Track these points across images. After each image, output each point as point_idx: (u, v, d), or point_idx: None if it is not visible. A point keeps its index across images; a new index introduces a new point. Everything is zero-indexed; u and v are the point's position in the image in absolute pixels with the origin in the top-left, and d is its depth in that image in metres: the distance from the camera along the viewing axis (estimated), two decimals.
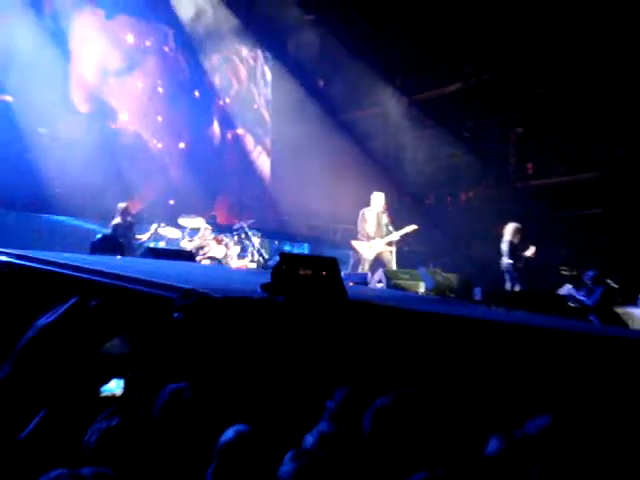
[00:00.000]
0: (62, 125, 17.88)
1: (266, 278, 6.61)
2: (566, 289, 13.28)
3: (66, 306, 1.90)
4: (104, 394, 3.75)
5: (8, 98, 17.23)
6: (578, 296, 12.73)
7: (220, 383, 5.04)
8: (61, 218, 16.52)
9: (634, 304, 12.97)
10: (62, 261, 7.31)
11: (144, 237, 14.66)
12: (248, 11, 18.84)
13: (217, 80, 20.03)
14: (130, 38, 19.52)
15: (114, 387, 3.78)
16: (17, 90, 17.08)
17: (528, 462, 2.90)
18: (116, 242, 13.27)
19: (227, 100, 20.51)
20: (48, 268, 7.07)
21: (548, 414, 3.21)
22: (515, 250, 13.33)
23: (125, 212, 14.39)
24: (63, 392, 1.87)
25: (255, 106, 20.72)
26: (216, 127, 20.42)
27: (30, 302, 6.25)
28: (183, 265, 11.24)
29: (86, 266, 7.07)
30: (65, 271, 6.90)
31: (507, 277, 13.41)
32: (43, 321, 1.89)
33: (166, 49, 20.20)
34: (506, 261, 13.36)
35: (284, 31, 19.00)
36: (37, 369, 1.83)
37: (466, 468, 3.03)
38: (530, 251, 13.40)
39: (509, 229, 13.46)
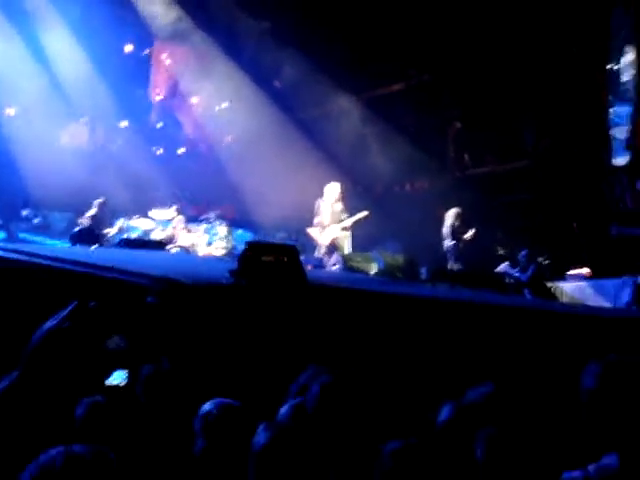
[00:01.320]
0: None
1: (233, 265, 6.61)
2: (503, 267, 13.40)
3: (67, 310, 1.90)
4: (108, 384, 3.73)
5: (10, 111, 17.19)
6: (513, 273, 12.88)
7: (193, 362, 5.02)
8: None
9: (563, 279, 13.15)
10: (47, 253, 7.26)
11: (112, 231, 14.43)
12: (205, 15, 18.60)
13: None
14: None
15: (118, 378, 3.76)
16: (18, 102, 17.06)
17: (473, 426, 2.94)
18: (94, 234, 13.15)
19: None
20: (36, 261, 7.02)
21: (488, 383, 3.24)
22: (456, 233, 13.39)
23: (102, 206, 14.25)
24: (71, 389, 1.87)
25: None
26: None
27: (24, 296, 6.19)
28: (156, 254, 11.19)
29: (68, 258, 7.03)
30: (50, 263, 6.85)
31: (450, 257, 13.48)
32: (47, 325, 1.89)
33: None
34: (448, 243, 13.42)
35: (241, 37, 18.88)
36: (45, 372, 1.83)
37: (423, 435, 3.05)
38: (470, 234, 13.48)
39: (451, 213, 13.52)
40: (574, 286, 12.59)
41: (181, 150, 20.85)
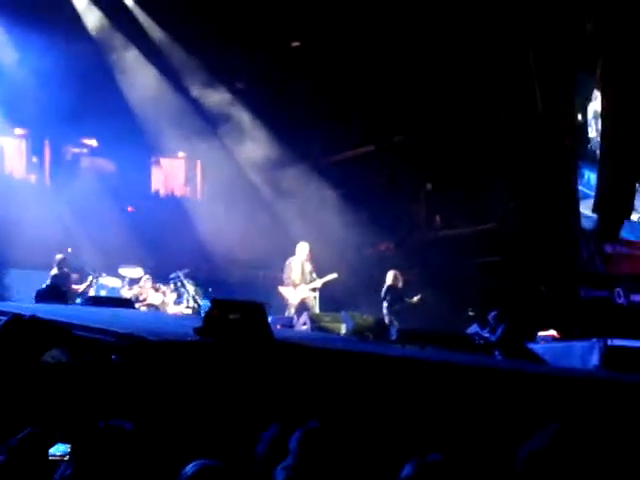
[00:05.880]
0: None
1: (199, 322, 6.58)
2: (472, 328, 13.42)
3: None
4: (54, 457, 3.68)
5: None
6: (483, 334, 12.87)
7: (157, 420, 4.95)
8: None
9: (532, 340, 13.16)
10: (6, 309, 7.17)
11: (80, 288, 14.31)
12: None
13: None
14: None
15: (61, 450, 3.69)
16: None
17: None
18: (60, 291, 13.03)
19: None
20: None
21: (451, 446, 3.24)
22: (394, 294, 13.47)
23: (61, 263, 14.12)
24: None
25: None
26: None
27: None
28: (123, 312, 11.10)
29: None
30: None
31: (387, 319, 13.50)
32: None
33: None
34: (384, 304, 13.53)
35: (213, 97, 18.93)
36: None
37: None
38: (416, 298, 13.61)
39: (389, 276, 13.65)
40: (543, 348, 12.61)
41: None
